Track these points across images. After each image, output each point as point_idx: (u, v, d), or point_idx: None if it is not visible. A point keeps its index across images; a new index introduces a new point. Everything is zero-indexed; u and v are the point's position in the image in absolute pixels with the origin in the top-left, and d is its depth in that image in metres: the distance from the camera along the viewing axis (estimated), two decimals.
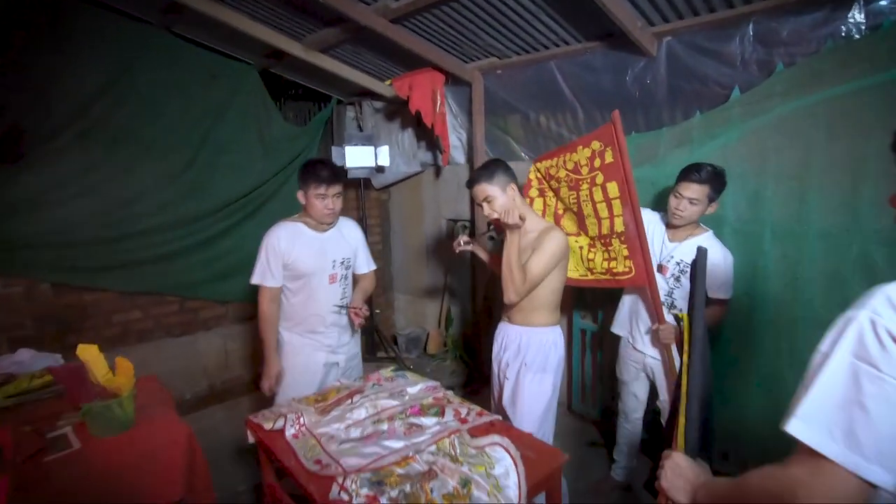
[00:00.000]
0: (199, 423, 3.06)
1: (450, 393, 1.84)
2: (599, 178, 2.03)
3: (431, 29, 2.84)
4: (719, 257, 2.00)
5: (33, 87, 2.68)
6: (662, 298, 2.10)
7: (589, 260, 2.30)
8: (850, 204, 1.87)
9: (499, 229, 1.91)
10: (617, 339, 2.40)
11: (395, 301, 4.69)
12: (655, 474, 0.94)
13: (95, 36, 2.84)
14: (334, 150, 3.67)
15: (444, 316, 4.07)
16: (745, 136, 2.12)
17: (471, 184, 1.85)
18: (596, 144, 2.01)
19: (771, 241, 2.08)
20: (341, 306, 2.15)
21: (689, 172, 1.96)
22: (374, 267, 2.37)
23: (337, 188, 2.02)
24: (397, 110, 4.03)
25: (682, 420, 1.01)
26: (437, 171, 4.00)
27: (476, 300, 3.75)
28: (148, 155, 3.12)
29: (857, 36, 1.90)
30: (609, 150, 1.95)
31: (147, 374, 2.04)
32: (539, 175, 2.45)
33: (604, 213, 2.07)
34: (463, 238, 2.09)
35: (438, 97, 3.28)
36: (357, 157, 3.66)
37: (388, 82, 3.09)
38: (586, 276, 2.32)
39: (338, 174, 2.04)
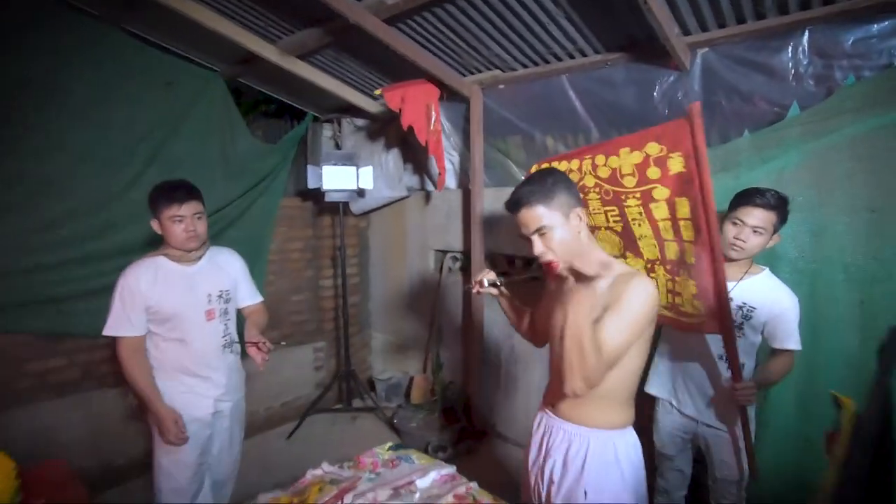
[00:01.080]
0: None
1: (474, 487, 1.38)
2: (660, 193, 1.59)
3: (429, 34, 2.48)
4: (788, 301, 1.65)
5: None
6: (718, 352, 1.72)
7: None
8: None
9: (551, 274, 1.31)
10: (650, 400, 1.98)
11: (373, 341, 4.18)
12: None
13: (25, 25, 2.34)
14: (310, 169, 3.22)
15: (432, 360, 3.59)
16: (808, 160, 1.81)
17: (515, 206, 1.25)
18: (653, 147, 1.56)
19: (844, 285, 1.75)
20: (234, 342, 1.98)
21: (753, 196, 1.63)
22: (259, 299, 2.15)
23: (195, 207, 1.80)
24: (381, 129, 3.63)
25: None
26: (427, 196, 3.59)
27: (470, 343, 3.30)
28: (83, 169, 2.59)
29: None
30: (677, 156, 1.50)
31: (49, 460, 1.49)
32: None
33: (668, 233, 1.63)
34: (487, 276, 1.54)
35: (433, 113, 2.90)
36: (336, 179, 3.22)
37: (377, 92, 2.70)
38: None
39: (193, 191, 1.82)
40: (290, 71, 2.90)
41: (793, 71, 1.92)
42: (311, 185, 3.21)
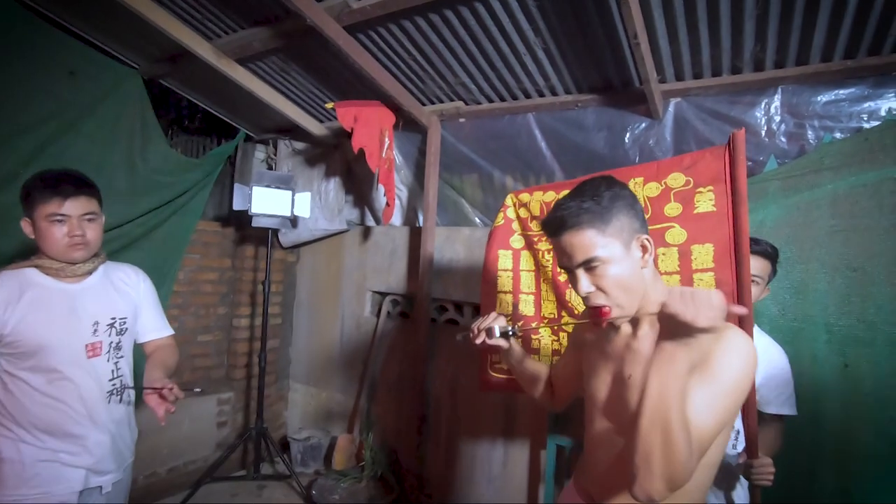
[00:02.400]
0: None
1: None
2: (675, 236, 1.37)
3: (393, 51, 2.27)
4: (782, 361, 1.50)
5: None
6: None
7: None
8: None
9: (597, 321, 0.96)
10: None
11: (291, 393, 3.63)
12: None
13: None
14: (237, 189, 2.79)
15: (362, 418, 3.13)
16: (789, 214, 1.76)
17: (558, 227, 0.95)
18: (678, 179, 1.36)
19: (827, 347, 1.66)
20: (126, 388, 1.51)
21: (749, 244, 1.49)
22: (169, 332, 1.69)
23: (85, 205, 1.39)
24: (323, 154, 3.31)
25: None
26: (367, 231, 3.27)
27: (409, 398, 2.91)
28: None
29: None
30: (707, 192, 1.31)
31: None
32: (526, 213, 1.78)
33: None
34: (497, 323, 1.16)
35: (387, 139, 2.65)
36: (267, 202, 2.82)
37: (329, 105, 2.41)
38: None
39: (85, 184, 1.42)
40: (227, 76, 2.54)
41: (765, 127, 1.91)
42: (237, 206, 2.78)
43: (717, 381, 0.81)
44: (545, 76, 2.22)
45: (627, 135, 2.21)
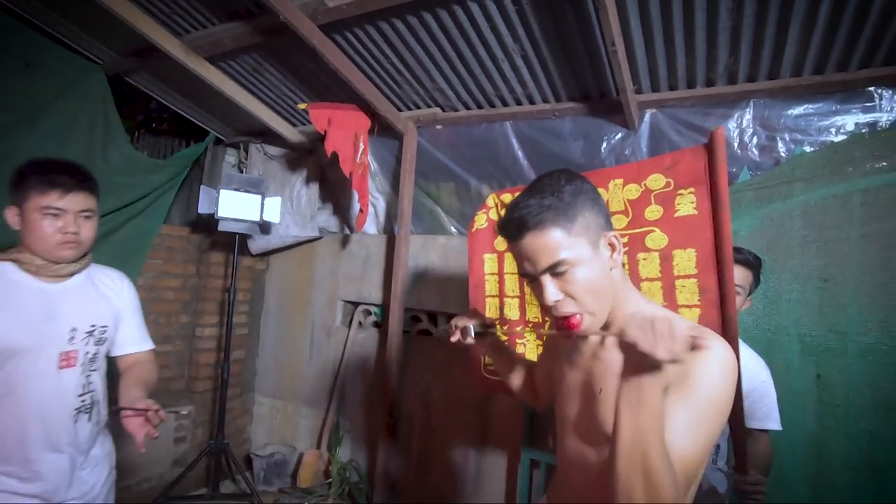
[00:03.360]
0: None
1: None
2: (656, 240, 1.34)
3: (370, 54, 2.23)
4: (765, 374, 1.48)
5: None
6: None
7: None
8: (888, 308, 1.53)
9: (567, 334, 0.85)
10: None
11: (256, 406, 3.47)
12: None
13: None
14: (203, 191, 2.68)
15: (330, 432, 3.00)
16: (762, 225, 1.77)
17: (517, 229, 0.84)
18: (657, 181, 1.33)
19: (800, 355, 1.66)
20: (94, 403, 1.34)
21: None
22: (149, 346, 1.55)
23: (84, 201, 1.27)
24: (297, 160, 3.22)
25: None
26: (343, 240, 3.18)
27: (378, 412, 2.81)
28: None
29: (867, 129, 1.72)
30: (689, 194, 1.28)
31: None
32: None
33: (654, 298, 1.36)
34: (472, 323, 1.10)
35: (361, 144, 2.59)
36: (235, 206, 2.71)
37: (302, 105, 2.34)
38: None
39: (86, 178, 1.30)
40: (197, 74, 2.44)
41: (738, 139, 1.94)
42: (203, 209, 2.66)
43: (699, 399, 0.73)
44: (523, 84, 2.22)
45: (604, 144, 2.21)
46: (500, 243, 1.78)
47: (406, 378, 2.78)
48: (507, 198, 1.76)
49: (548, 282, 0.82)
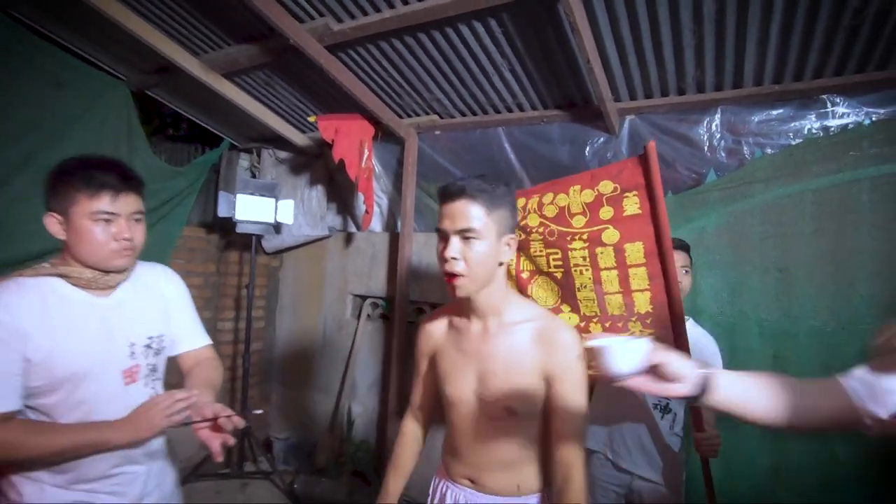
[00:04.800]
0: None
1: None
2: (610, 236, 1.58)
3: (372, 68, 2.43)
4: (713, 348, 1.69)
5: None
6: (654, 401, 1.71)
7: None
8: (844, 301, 1.74)
9: (450, 284, 1.07)
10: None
11: (274, 394, 3.73)
12: None
13: None
14: (222, 196, 2.91)
15: (343, 416, 3.25)
16: (726, 222, 1.97)
17: (455, 193, 1.04)
18: (607, 186, 1.57)
19: (759, 338, 1.86)
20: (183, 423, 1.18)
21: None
22: (207, 341, 1.43)
23: (134, 203, 1.15)
24: (306, 163, 3.45)
25: None
26: (349, 237, 3.41)
27: (388, 397, 3.05)
28: None
29: (820, 134, 1.90)
30: (632, 196, 1.52)
31: None
32: None
33: (612, 285, 1.61)
34: None
35: (366, 150, 2.80)
36: (251, 209, 2.94)
37: (312, 118, 2.55)
38: None
39: (133, 179, 1.17)
40: (213, 89, 2.67)
41: (707, 143, 2.12)
42: (222, 213, 2.89)
43: (581, 379, 1.06)
44: (513, 94, 2.41)
45: (588, 148, 2.40)
46: None
47: (411, 365, 3.00)
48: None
49: (455, 241, 1.03)
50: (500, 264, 1.09)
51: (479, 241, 1.02)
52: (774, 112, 1.99)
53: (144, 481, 1.23)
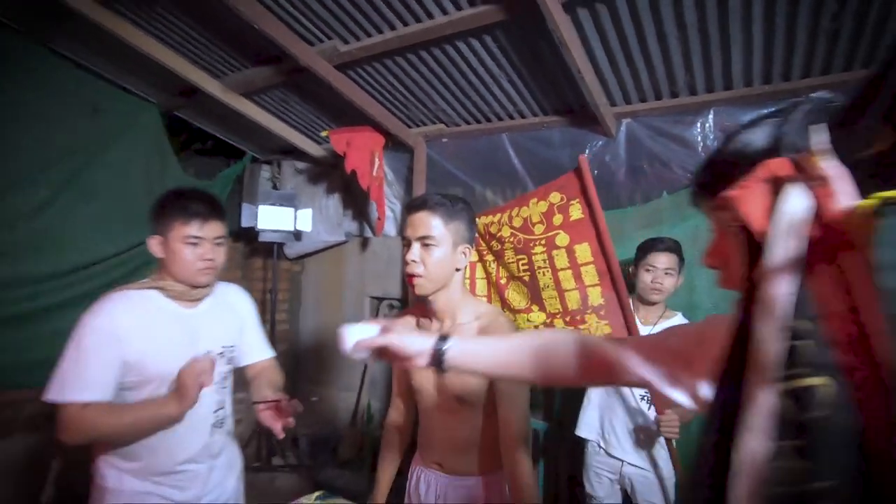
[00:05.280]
0: None
1: None
2: (562, 239, 1.77)
3: (379, 83, 2.58)
4: None
5: None
6: (641, 393, 1.81)
7: None
8: None
9: (411, 290, 1.22)
10: (581, 443, 2.02)
11: (300, 393, 3.93)
12: None
13: None
14: (245, 208, 3.11)
15: (364, 412, 3.42)
16: None
17: (417, 206, 1.21)
18: (556, 196, 1.78)
19: None
20: (227, 418, 1.41)
21: (656, 243, 1.84)
22: (271, 353, 1.63)
23: (217, 229, 1.34)
24: (323, 172, 3.62)
25: None
26: (365, 242, 3.57)
27: None
28: None
29: None
30: (576, 203, 1.72)
31: None
32: (477, 234, 2.13)
33: (569, 283, 1.79)
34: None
35: (377, 160, 2.95)
36: (272, 219, 3.13)
37: (324, 133, 2.72)
38: None
39: (217, 208, 1.36)
40: (234, 108, 2.86)
41: (701, 143, 2.19)
42: (245, 223, 3.09)
43: None
44: (513, 102, 2.52)
45: (587, 151, 2.49)
46: (473, 256, 2.12)
47: None
48: (480, 221, 2.12)
49: (416, 247, 1.18)
50: (457, 270, 1.22)
51: (436, 248, 1.17)
52: (766, 111, 2.04)
53: (205, 479, 1.37)
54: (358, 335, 0.88)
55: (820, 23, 1.69)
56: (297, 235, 3.38)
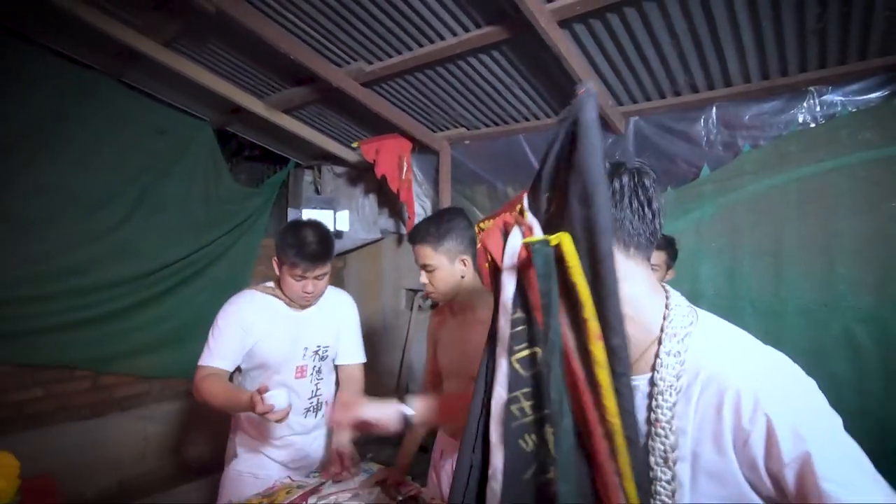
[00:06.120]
0: None
1: (426, 491, 1.56)
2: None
3: (402, 96, 2.82)
4: None
5: None
6: None
7: None
8: (827, 281, 1.88)
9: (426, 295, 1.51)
10: None
11: None
12: None
13: (27, 77, 2.54)
14: (290, 212, 3.46)
15: (402, 394, 3.74)
16: (720, 212, 2.15)
17: (411, 239, 1.44)
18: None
19: (752, 317, 2.05)
20: (323, 405, 1.73)
21: None
22: (361, 360, 1.86)
23: (322, 268, 1.59)
24: (359, 175, 3.92)
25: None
26: (399, 238, 3.85)
27: None
28: (73, 209, 2.76)
29: (812, 124, 2.02)
30: None
31: (40, 472, 1.61)
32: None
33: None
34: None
35: (405, 164, 3.21)
36: None
37: (355, 145, 3.00)
38: None
39: (327, 250, 1.59)
40: (277, 123, 3.19)
41: (705, 138, 2.29)
42: None
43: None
44: (526, 106, 2.69)
45: None
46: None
47: None
48: (484, 225, 2.27)
49: (422, 272, 1.44)
50: (462, 277, 1.44)
51: (436, 271, 1.41)
52: (766, 106, 2.13)
53: (300, 447, 1.71)
54: (278, 400, 1.33)
55: (805, 24, 1.77)
56: (338, 234, 3.70)
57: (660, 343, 0.69)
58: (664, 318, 0.71)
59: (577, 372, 0.56)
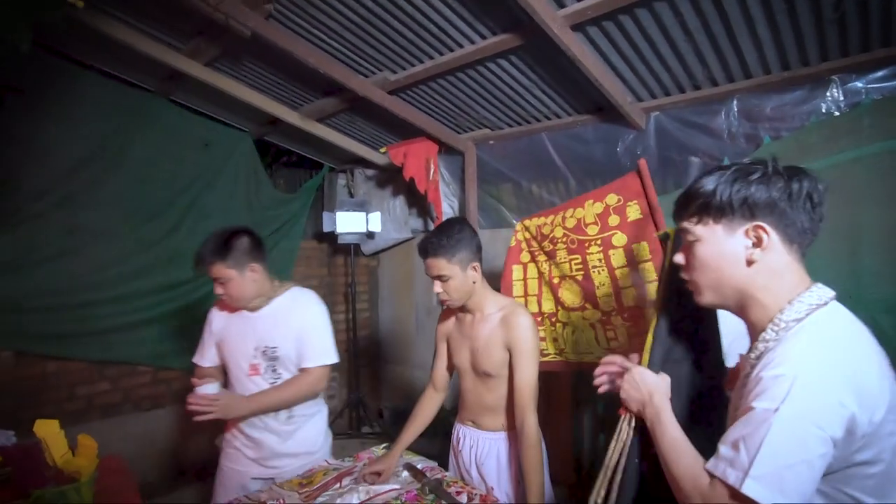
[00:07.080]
0: None
1: (448, 474, 1.67)
2: (619, 239, 1.87)
3: (427, 101, 2.93)
4: (740, 324, 1.92)
5: (21, 149, 2.62)
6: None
7: (610, 339, 2.05)
8: (851, 271, 1.86)
9: (442, 303, 1.62)
10: None
11: (382, 371, 4.49)
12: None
13: (92, 102, 2.81)
14: (325, 215, 3.65)
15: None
16: None
17: (423, 253, 1.51)
18: (612, 198, 1.88)
19: None
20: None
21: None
22: (313, 363, 1.72)
23: (214, 272, 1.64)
24: (389, 178, 4.08)
25: (649, 338, 1.11)
26: None
27: None
28: (131, 220, 3.03)
29: (836, 112, 2.00)
30: (633, 204, 1.81)
31: (111, 454, 1.83)
32: (528, 235, 2.28)
33: (626, 280, 1.89)
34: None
35: (432, 165, 3.32)
36: (348, 223, 3.64)
37: (383, 150, 3.14)
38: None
39: (208, 253, 1.65)
40: (310, 132, 3.37)
41: (727, 131, 2.29)
42: (327, 228, 3.63)
43: (531, 352, 1.49)
44: (546, 105, 2.75)
45: (620, 145, 2.66)
46: (525, 256, 2.36)
47: None
48: (528, 223, 2.29)
49: (437, 282, 1.53)
50: (474, 283, 1.53)
51: (450, 280, 1.50)
52: (788, 96, 2.11)
53: (269, 446, 1.75)
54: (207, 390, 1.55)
55: (822, 14, 1.76)
56: (371, 235, 3.87)
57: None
58: (780, 311, 0.81)
59: None
